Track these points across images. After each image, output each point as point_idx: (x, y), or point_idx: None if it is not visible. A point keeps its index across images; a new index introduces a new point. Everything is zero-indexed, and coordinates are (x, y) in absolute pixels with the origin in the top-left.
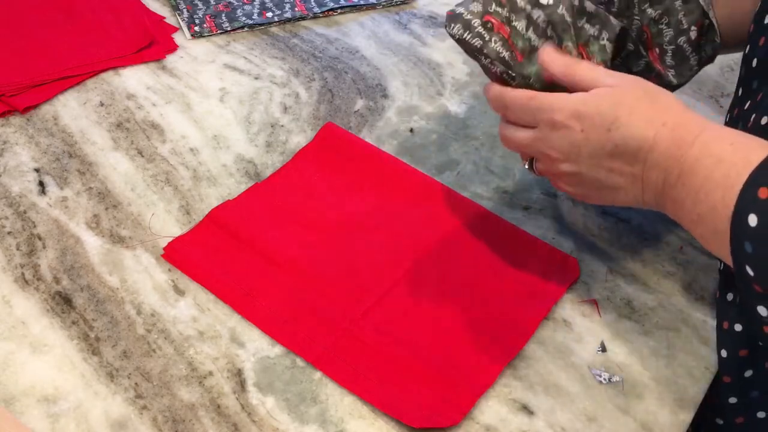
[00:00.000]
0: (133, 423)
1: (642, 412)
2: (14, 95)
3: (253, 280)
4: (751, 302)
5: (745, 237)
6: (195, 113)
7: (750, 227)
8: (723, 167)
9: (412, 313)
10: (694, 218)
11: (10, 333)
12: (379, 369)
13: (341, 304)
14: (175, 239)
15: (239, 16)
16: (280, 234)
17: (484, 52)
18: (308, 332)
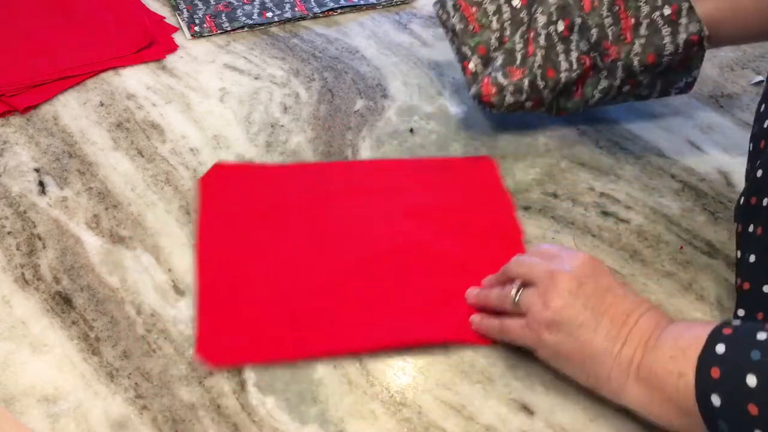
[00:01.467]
0: (133, 423)
1: None
2: (14, 95)
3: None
4: None
5: (716, 416)
6: (195, 113)
7: (715, 406)
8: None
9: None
10: (673, 353)
11: (10, 333)
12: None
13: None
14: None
15: (239, 16)
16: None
17: (447, 25)
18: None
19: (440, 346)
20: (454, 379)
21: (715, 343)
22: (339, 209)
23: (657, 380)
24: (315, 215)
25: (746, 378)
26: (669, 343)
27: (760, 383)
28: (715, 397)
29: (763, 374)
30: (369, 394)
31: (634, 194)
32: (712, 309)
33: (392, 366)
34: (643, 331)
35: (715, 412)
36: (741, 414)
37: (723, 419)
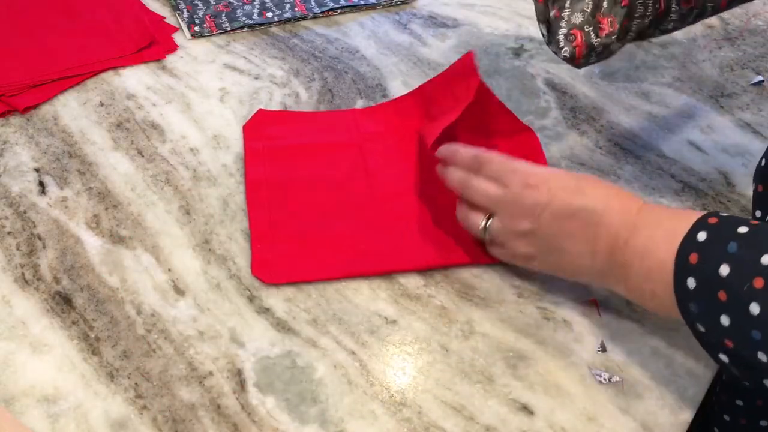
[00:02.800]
0: (133, 423)
1: (642, 412)
2: (14, 95)
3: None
4: (712, 353)
5: (688, 299)
6: (195, 113)
7: (689, 289)
8: (665, 226)
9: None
10: (644, 273)
11: (10, 333)
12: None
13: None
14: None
15: (239, 16)
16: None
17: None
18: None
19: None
20: (454, 379)
21: (697, 230)
22: (374, 145)
23: (636, 292)
24: (351, 150)
25: (719, 268)
26: (636, 262)
27: (732, 273)
28: (691, 280)
29: (736, 266)
30: (369, 394)
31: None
32: None
33: (392, 366)
34: (604, 242)
35: (689, 294)
36: (712, 299)
37: (695, 302)
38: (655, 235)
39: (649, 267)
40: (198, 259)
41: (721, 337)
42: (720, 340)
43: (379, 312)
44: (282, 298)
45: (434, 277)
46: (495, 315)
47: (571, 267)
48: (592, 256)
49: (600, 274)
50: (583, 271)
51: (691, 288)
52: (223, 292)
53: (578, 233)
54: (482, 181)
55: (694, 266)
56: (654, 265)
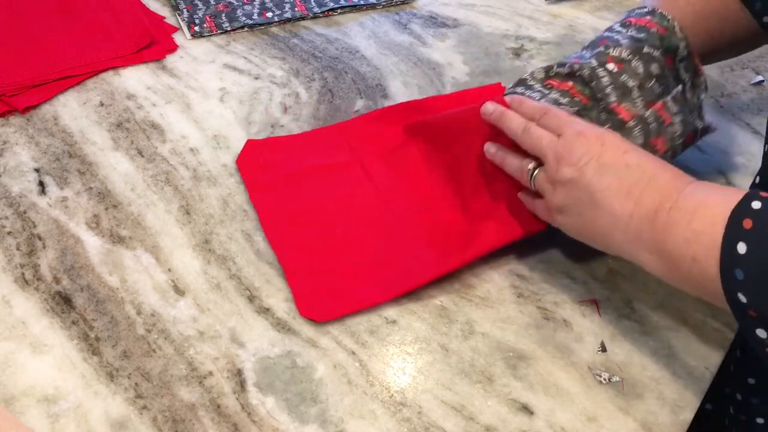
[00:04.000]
0: (133, 423)
1: (642, 412)
2: (14, 95)
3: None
4: (749, 327)
5: (735, 264)
6: (195, 113)
7: (740, 254)
8: (716, 195)
9: (436, 198)
10: (688, 236)
11: (10, 333)
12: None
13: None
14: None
15: (239, 16)
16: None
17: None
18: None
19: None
20: (454, 379)
21: (751, 200)
22: (372, 158)
23: (671, 258)
24: (353, 168)
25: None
26: (682, 225)
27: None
28: (742, 245)
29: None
30: (369, 394)
31: None
32: (712, 309)
33: (392, 366)
34: (648, 204)
35: (737, 259)
36: (763, 267)
37: (743, 292)
38: (708, 199)
39: (696, 229)
40: (198, 259)
41: (766, 308)
42: (764, 311)
43: (379, 312)
44: (282, 298)
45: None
46: (495, 315)
47: (602, 226)
48: (628, 217)
49: (631, 238)
50: (614, 232)
51: (741, 253)
52: (223, 292)
53: (621, 191)
54: (540, 128)
55: (747, 231)
56: (702, 227)
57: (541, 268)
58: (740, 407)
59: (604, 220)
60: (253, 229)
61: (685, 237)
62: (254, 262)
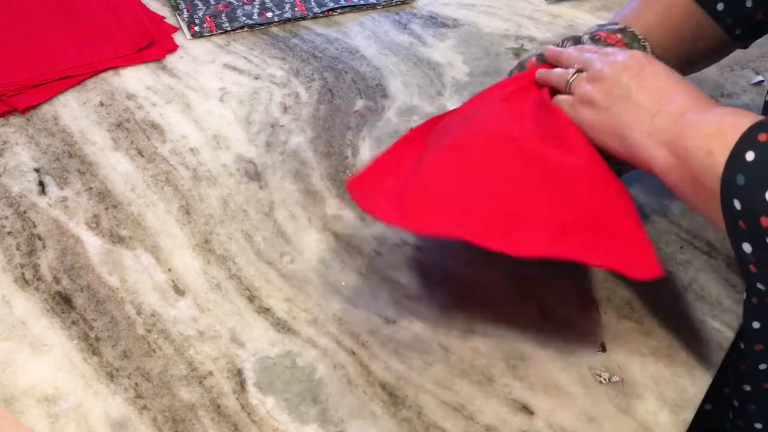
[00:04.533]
0: (133, 423)
1: (642, 412)
2: (14, 95)
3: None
4: (737, 241)
5: (739, 170)
6: (195, 113)
7: (746, 161)
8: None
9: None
10: (711, 132)
11: (10, 333)
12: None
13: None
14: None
15: (239, 16)
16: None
17: None
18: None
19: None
20: (454, 379)
21: (758, 131)
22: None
23: (685, 153)
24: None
25: (765, 194)
26: (707, 122)
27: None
28: (741, 177)
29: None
30: (369, 394)
31: (634, 194)
32: (713, 309)
33: (392, 366)
34: (679, 105)
35: (736, 190)
36: (759, 199)
37: (739, 198)
38: (739, 112)
39: (719, 128)
40: (198, 259)
41: (758, 214)
42: (756, 218)
43: (379, 312)
44: (282, 298)
45: (434, 277)
46: (495, 315)
47: (626, 120)
48: (656, 113)
49: (652, 132)
50: (637, 126)
51: (749, 160)
52: (223, 292)
53: (657, 91)
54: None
55: (762, 144)
56: (726, 127)
57: (541, 268)
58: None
59: (631, 113)
60: (253, 229)
61: (707, 133)
62: (254, 262)
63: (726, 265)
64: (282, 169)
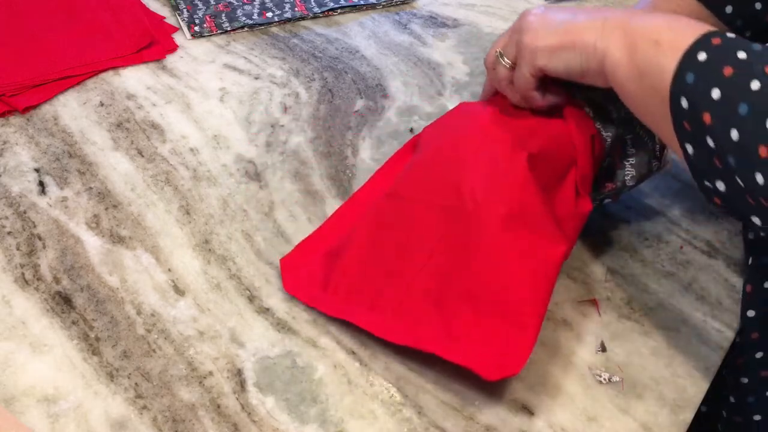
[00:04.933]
0: (133, 423)
1: (642, 412)
2: (14, 95)
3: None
4: (682, 142)
5: (690, 68)
6: (195, 113)
7: (698, 61)
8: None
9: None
10: (659, 23)
11: (10, 333)
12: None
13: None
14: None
15: (239, 16)
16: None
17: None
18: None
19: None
20: (454, 379)
21: (711, 36)
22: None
23: (635, 43)
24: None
25: (711, 91)
26: (657, 21)
27: (722, 97)
28: (691, 75)
29: (727, 90)
30: (369, 394)
31: (634, 194)
32: (713, 309)
33: (392, 366)
34: (623, 13)
35: (685, 88)
36: (706, 97)
37: (687, 97)
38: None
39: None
40: (198, 259)
41: (703, 111)
42: (701, 115)
43: None
44: (282, 298)
45: None
46: None
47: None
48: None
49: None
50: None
51: (701, 60)
52: (223, 292)
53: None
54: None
55: (715, 46)
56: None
57: None
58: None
59: (580, 24)
60: (253, 229)
61: (655, 24)
62: (254, 262)
63: (726, 265)
64: (282, 169)
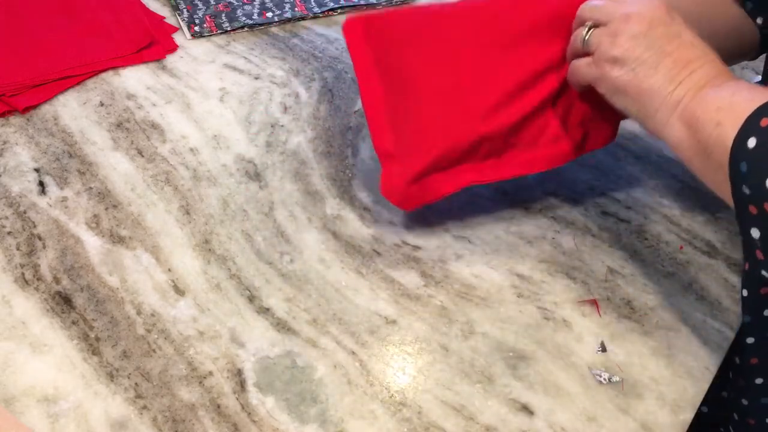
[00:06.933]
0: (133, 423)
1: (642, 412)
2: (14, 95)
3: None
4: (745, 225)
5: (742, 157)
6: (195, 113)
7: (748, 148)
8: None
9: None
10: (721, 105)
11: (10, 333)
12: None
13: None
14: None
15: (239, 16)
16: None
17: None
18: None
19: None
20: (454, 379)
21: (761, 116)
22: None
23: (696, 123)
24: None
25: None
26: (721, 95)
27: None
28: (744, 164)
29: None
30: (369, 394)
31: (634, 194)
32: (713, 309)
33: (392, 366)
34: (700, 77)
35: (742, 177)
36: (762, 186)
37: (747, 184)
38: (755, 88)
39: (732, 101)
40: (198, 259)
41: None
42: (763, 204)
43: (379, 312)
44: (282, 298)
45: (434, 277)
46: (495, 315)
47: (649, 87)
48: (678, 84)
49: (670, 103)
50: (658, 95)
51: (750, 147)
52: (223, 292)
53: (681, 60)
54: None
55: (763, 129)
56: (737, 100)
57: (541, 268)
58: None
59: (655, 81)
60: (253, 229)
61: (718, 105)
62: (254, 262)
63: (726, 265)
64: (282, 169)
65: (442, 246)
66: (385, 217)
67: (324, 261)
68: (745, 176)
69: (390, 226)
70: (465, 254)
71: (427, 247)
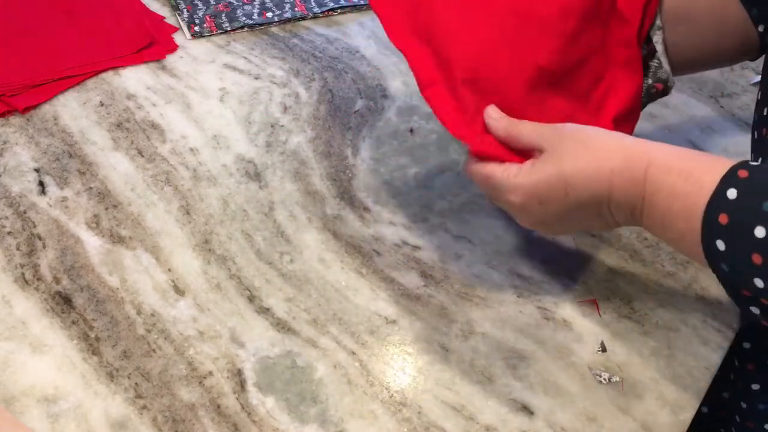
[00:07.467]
0: (133, 423)
1: (642, 412)
2: (14, 95)
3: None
4: (743, 305)
5: (719, 259)
6: (195, 113)
7: (720, 251)
8: (679, 200)
9: None
10: (670, 239)
11: (10, 333)
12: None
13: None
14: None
15: (239, 16)
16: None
17: None
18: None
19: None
20: (454, 379)
21: (727, 187)
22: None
23: (661, 229)
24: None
25: (755, 230)
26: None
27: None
28: (720, 242)
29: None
30: (369, 394)
31: None
32: (713, 309)
33: (392, 366)
34: (624, 211)
35: (719, 256)
36: (745, 262)
37: (726, 263)
38: (672, 207)
39: (676, 234)
40: (198, 259)
41: (757, 297)
42: (756, 298)
43: (379, 312)
44: (282, 298)
45: (434, 277)
46: (495, 315)
47: (585, 229)
48: (608, 224)
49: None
50: (601, 229)
51: (722, 250)
52: (223, 292)
53: (590, 216)
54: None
55: (725, 227)
56: (677, 233)
57: (541, 268)
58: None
59: (586, 226)
60: (253, 229)
61: (668, 238)
62: (254, 262)
63: None
64: (282, 169)
65: (442, 246)
66: (385, 217)
67: (324, 261)
68: (727, 274)
69: (390, 226)
70: (465, 254)
71: (427, 247)
